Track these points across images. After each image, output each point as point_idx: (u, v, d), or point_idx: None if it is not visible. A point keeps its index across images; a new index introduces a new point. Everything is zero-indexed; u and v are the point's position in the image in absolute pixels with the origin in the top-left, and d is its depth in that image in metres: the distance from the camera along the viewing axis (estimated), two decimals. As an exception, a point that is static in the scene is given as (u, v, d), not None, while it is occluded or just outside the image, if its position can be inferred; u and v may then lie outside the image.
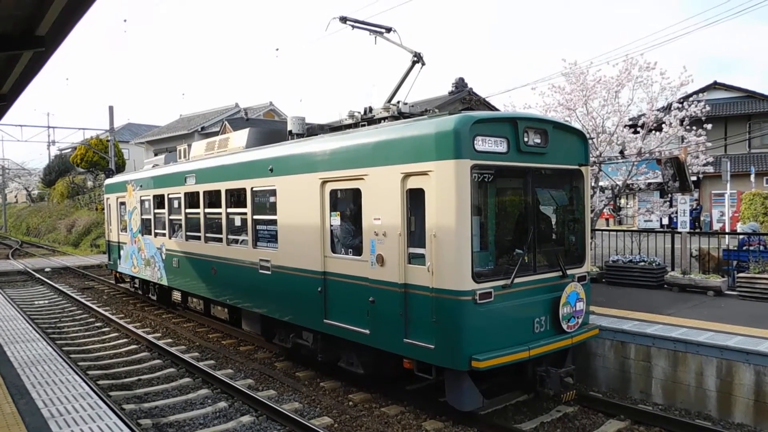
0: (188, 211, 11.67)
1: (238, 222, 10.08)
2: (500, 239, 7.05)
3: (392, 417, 7.12)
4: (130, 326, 12.25)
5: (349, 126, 8.57)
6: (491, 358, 6.08)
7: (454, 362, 6.15)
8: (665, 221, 22.97)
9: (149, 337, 11.22)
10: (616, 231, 15.05)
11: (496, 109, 21.98)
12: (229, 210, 10.17)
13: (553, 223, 7.57)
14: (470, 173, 6.08)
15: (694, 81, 12.86)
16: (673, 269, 11.66)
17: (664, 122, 12.80)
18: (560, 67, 14.99)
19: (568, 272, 7.15)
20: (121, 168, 36.17)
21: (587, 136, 8.37)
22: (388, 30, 9.04)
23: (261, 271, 9.10)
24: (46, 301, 16.16)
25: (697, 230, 21.50)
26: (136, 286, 15.52)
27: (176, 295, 13.04)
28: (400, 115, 7.79)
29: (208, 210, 10.93)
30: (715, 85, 31.41)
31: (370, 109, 8.38)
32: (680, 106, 12.78)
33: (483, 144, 6.26)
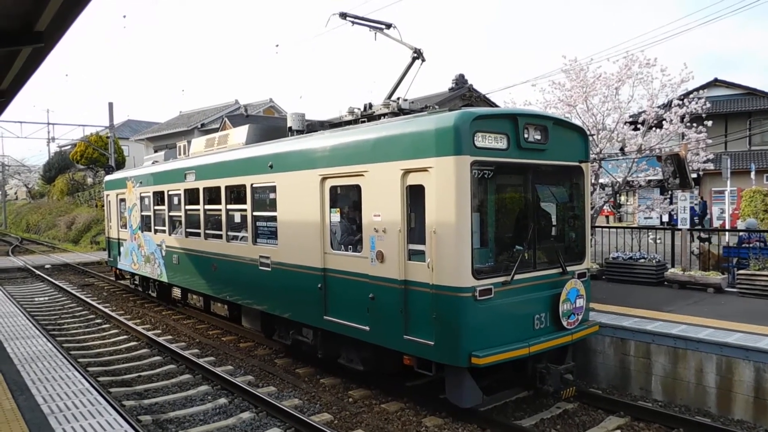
0: (188, 207, 11.66)
1: (237, 219, 10.07)
2: (500, 236, 7.03)
3: (392, 413, 7.13)
4: (130, 323, 12.25)
5: (349, 122, 8.54)
6: (491, 354, 6.08)
7: (453, 359, 6.15)
8: (665, 218, 22.92)
9: (149, 333, 11.22)
10: (616, 228, 15.03)
11: (497, 106, 21.94)
12: (229, 207, 10.15)
13: (553, 219, 7.56)
14: (470, 169, 6.08)
15: (694, 78, 12.88)
16: (673, 266, 11.66)
17: (664, 119, 12.77)
18: (560, 64, 14.96)
19: (568, 269, 7.14)
20: (120, 165, 36.12)
21: (587, 132, 8.35)
22: (388, 26, 9.01)
23: (261, 267, 9.10)
24: (46, 298, 16.16)
25: (697, 227, 21.46)
26: (136, 282, 15.52)
27: (176, 292, 13.04)
28: (400, 112, 7.77)
29: (207, 207, 10.92)
30: (716, 82, 31.31)
31: (370, 106, 8.35)
32: (681, 103, 12.76)
33: (483, 140, 6.25)
